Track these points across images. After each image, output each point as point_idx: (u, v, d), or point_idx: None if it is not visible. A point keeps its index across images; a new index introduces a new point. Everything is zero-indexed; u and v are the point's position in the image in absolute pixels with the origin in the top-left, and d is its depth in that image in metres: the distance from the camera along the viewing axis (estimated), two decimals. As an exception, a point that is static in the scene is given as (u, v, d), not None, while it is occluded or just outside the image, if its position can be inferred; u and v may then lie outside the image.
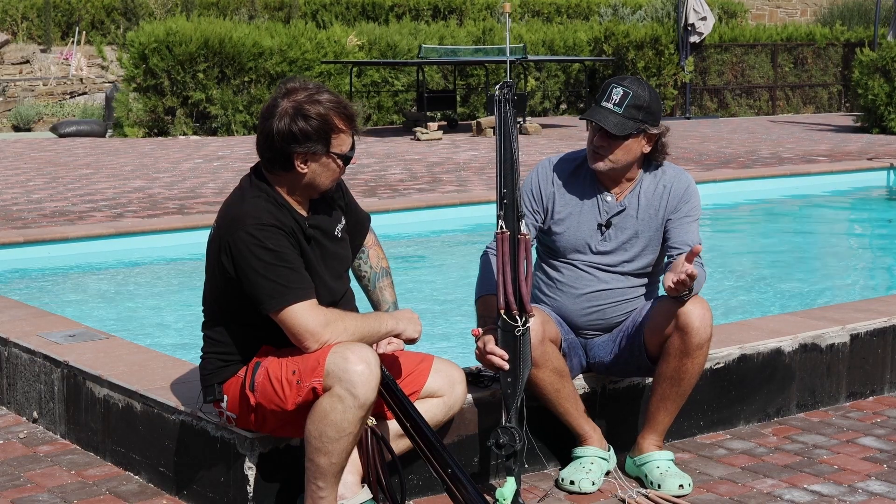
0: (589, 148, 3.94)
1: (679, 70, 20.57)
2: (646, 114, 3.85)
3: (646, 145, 3.92)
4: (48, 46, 22.90)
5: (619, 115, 3.82)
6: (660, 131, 3.90)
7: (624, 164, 3.91)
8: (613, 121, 3.82)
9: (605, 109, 3.84)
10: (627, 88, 3.84)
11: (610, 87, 3.86)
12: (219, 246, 3.38)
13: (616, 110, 3.83)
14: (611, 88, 3.86)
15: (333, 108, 3.35)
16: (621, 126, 3.82)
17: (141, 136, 17.38)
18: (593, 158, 3.92)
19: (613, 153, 3.87)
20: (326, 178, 3.42)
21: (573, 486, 3.83)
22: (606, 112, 3.84)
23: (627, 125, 3.83)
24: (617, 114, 3.82)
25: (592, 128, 3.89)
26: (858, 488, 3.89)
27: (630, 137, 3.85)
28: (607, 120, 3.82)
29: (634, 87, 3.85)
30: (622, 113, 3.82)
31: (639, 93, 3.84)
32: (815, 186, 12.26)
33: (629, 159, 3.91)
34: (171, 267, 8.54)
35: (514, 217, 3.54)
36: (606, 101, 3.84)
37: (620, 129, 3.82)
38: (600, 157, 3.90)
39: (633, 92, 3.84)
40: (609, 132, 3.82)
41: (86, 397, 4.24)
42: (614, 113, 3.83)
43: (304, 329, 3.29)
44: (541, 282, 4.06)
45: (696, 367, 3.82)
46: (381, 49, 19.52)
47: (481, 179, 11.54)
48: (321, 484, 3.30)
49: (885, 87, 16.92)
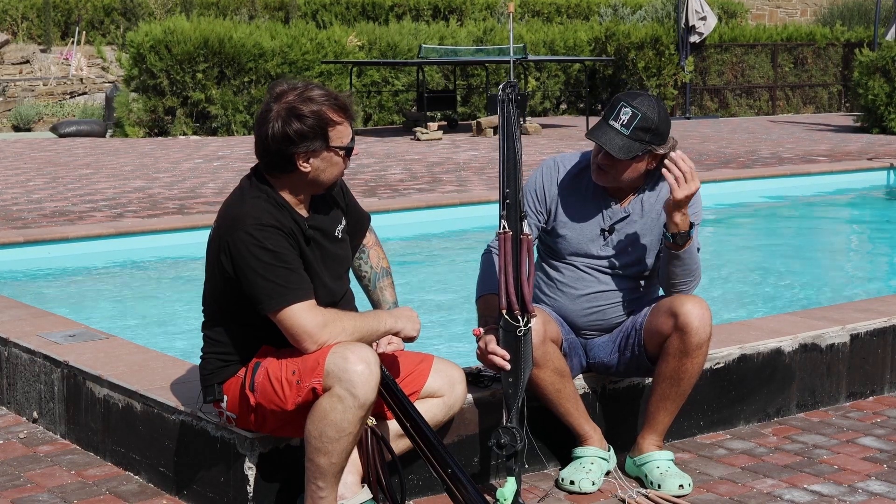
0: (593, 163, 3.90)
1: (679, 70, 20.59)
2: (653, 135, 3.78)
3: (651, 163, 3.87)
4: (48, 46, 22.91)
5: (625, 136, 3.76)
6: (666, 151, 3.81)
7: (628, 181, 3.89)
8: (619, 143, 3.76)
9: (612, 130, 3.77)
10: (636, 109, 3.76)
11: (619, 106, 3.79)
12: (218, 246, 3.38)
13: (623, 132, 3.76)
14: (619, 107, 3.78)
15: (326, 102, 3.34)
16: (627, 150, 3.76)
17: (141, 136, 17.39)
18: (597, 175, 3.89)
19: (618, 172, 3.85)
20: (331, 172, 3.41)
21: (573, 486, 3.83)
22: (613, 134, 3.77)
23: (633, 147, 3.77)
24: (624, 135, 3.76)
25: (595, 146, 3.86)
26: (858, 488, 3.89)
27: (636, 160, 3.82)
28: (613, 143, 3.76)
29: (643, 107, 3.77)
30: (629, 135, 3.76)
31: (647, 114, 3.76)
32: (815, 186, 12.26)
33: (633, 176, 3.88)
34: (171, 267, 8.54)
35: (517, 217, 3.54)
36: (614, 119, 3.77)
37: (626, 153, 3.77)
38: (604, 174, 3.88)
39: (641, 114, 3.76)
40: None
41: (86, 397, 4.24)
42: (621, 135, 3.76)
43: (301, 330, 3.29)
44: (541, 281, 4.05)
45: (695, 366, 3.82)
46: (381, 49, 19.53)
47: (481, 179, 11.53)
48: (321, 484, 3.30)
49: (885, 87, 16.93)
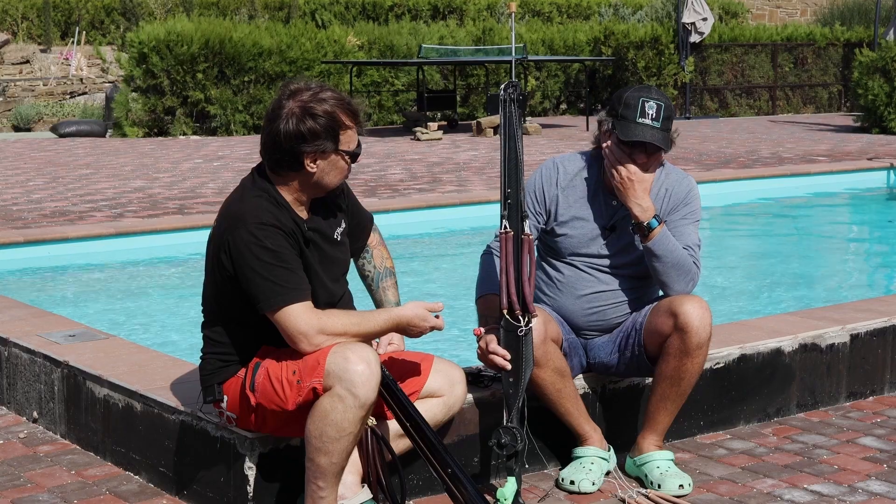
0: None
1: (679, 70, 20.58)
2: (672, 122, 3.85)
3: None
4: (48, 46, 22.91)
5: (659, 129, 3.78)
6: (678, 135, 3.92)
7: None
8: (661, 136, 3.78)
9: (647, 128, 3.76)
10: (659, 101, 3.79)
11: (641, 102, 3.77)
12: (218, 244, 3.39)
13: (656, 125, 3.77)
14: (642, 103, 3.77)
15: (339, 105, 3.36)
16: (668, 141, 3.81)
17: (141, 136, 17.39)
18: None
19: (650, 168, 3.85)
20: (334, 176, 3.42)
21: (573, 485, 3.83)
22: (651, 131, 3.77)
23: (668, 138, 3.82)
24: (657, 129, 3.78)
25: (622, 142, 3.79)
26: (858, 488, 3.89)
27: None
28: (657, 136, 3.76)
29: (663, 98, 3.81)
30: (660, 127, 3.78)
31: (668, 104, 3.81)
32: (815, 186, 12.26)
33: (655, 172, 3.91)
34: (171, 267, 8.54)
35: (518, 217, 3.54)
36: (642, 116, 3.77)
37: (669, 145, 3.82)
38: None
39: (665, 104, 3.80)
40: (658, 148, 3.79)
41: (86, 397, 4.24)
42: (655, 129, 3.77)
43: (296, 330, 3.30)
44: (541, 281, 4.05)
45: (695, 366, 3.82)
46: (380, 49, 19.53)
47: (481, 179, 11.53)
48: (321, 484, 3.30)
49: (885, 87, 16.92)
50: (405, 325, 3.46)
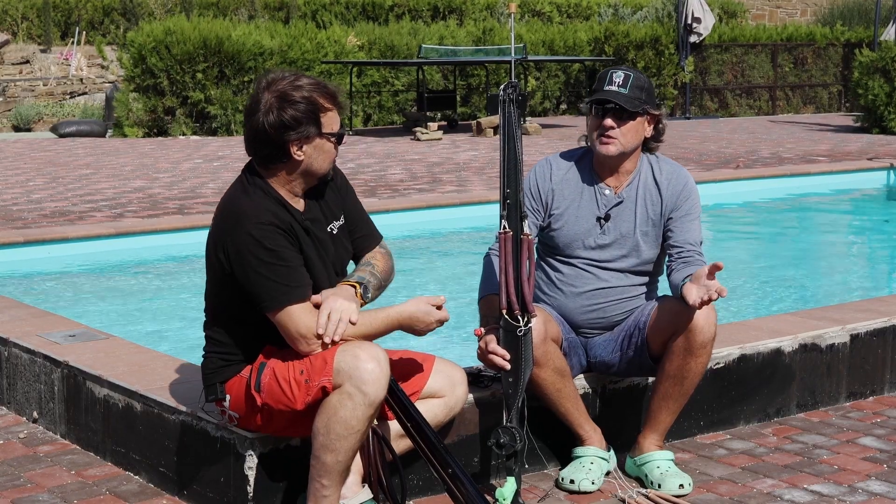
0: (594, 135, 3.94)
1: (679, 70, 20.58)
2: (647, 94, 3.92)
3: (648, 128, 3.96)
4: (48, 46, 22.91)
5: (625, 94, 3.87)
6: (660, 113, 3.98)
7: (631, 148, 3.94)
8: (623, 97, 3.87)
9: (611, 92, 3.88)
10: (627, 71, 3.93)
11: (609, 73, 3.93)
12: (215, 243, 3.39)
13: (622, 90, 3.88)
14: (610, 74, 3.93)
15: (316, 89, 3.37)
16: (632, 102, 3.87)
17: (141, 136, 17.38)
18: (603, 144, 3.92)
19: (623, 135, 3.89)
20: (323, 160, 3.43)
21: (573, 485, 3.83)
22: (614, 93, 3.88)
23: (636, 102, 3.88)
24: (623, 93, 3.87)
25: (595, 115, 3.91)
26: (858, 488, 3.89)
27: (637, 116, 3.90)
28: (619, 96, 3.87)
29: (632, 71, 3.96)
30: (628, 93, 3.88)
31: (638, 75, 3.94)
32: (815, 186, 12.26)
33: (636, 142, 3.94)
34: (171, 267, 8.53)
35: (517, 217, 3.54)
36: (609, 84, 3.90)
37: (633, 105, 3.87)
38: (610, 140, 3.90)
39: (633, 74, 3.92)
40: (622, 109, 3.85)
41: (86, 397, 4.24)
42: (620, 93, 3.88)
43: (296, 332, 3.30)
44: (540, 281, 4.06)
45: (699, 365, 3.82)
46: (380, 49, 19.52)
47: (481, 180, 11.53)
48: (325, 482, 3.30)
49: (885, 87, 16.92)
50: (409, 322, 3.45)
